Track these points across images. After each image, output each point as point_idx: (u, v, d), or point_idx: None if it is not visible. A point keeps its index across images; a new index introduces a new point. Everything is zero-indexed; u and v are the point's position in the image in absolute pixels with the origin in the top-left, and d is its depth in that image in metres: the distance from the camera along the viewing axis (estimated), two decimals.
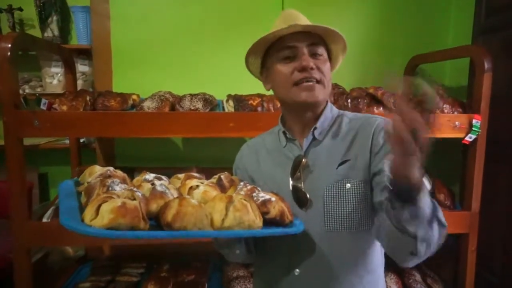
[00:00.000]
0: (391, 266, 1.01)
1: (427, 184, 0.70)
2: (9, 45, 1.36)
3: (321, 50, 0.95)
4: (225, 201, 0.78)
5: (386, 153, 0.87)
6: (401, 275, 1.84)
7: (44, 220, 1.54)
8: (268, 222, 0.82)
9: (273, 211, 0.82)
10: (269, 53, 0.98)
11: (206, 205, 0.80)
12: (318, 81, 0.92)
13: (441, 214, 0.75)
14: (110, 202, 0.69)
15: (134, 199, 0.72)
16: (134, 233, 0.68)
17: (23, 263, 1.47)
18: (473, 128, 1.63)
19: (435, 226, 0.74)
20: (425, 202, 0.70)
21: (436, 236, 0.74)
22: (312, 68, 0.91)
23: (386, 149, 0.88)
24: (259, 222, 0.79)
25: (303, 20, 0.96)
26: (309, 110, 0.97)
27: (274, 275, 0.97)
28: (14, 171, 1.42)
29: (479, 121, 1.63)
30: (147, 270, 1.84)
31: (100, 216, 0.67)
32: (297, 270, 0.93)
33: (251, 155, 1.08)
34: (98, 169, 0.90)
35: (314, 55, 0.94)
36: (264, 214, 0.82)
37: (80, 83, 2.33)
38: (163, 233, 0.73)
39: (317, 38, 0.95)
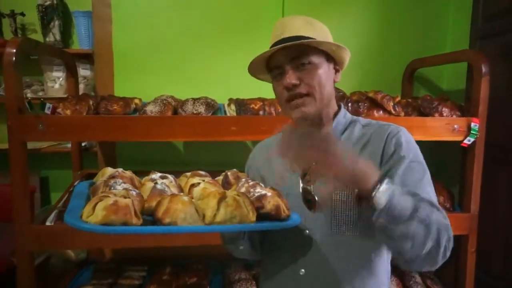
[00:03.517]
0: (391, 268, 1.02)
1: (385, 186, 0.75)
2: (14, 50, 1.38)
3: (308, 59, 0.92)
4: (218, 197, 0.79)
5: (396, 161, 0.89)
6: (401, 277, 1.85)
7: (47, 223, 1.55)
8: (264, 217, 0.82)
9: (268, 206, 0.82)
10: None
11: (200, 201, 0.82)
12: (306, 95, 0.92)
13: (424, 213, 0.77)
14: (104, 200, 0.73)
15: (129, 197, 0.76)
16: (124, 228, 0.72)
17: (26, 267, 1.48)
18: (472, 131, 1.65)
19: (415, 224, 0.76)
20: (383, 200, 0.74)
21: (420, 233, 0.76)
22: (295, 85, 0.91)
23: (397, 157, 0.90)
24: (252, 216, 0.79)
25: (290, 30, 0.93)
26: (308, 123, 0.97)
27: (280, 274, 0.98)
28: (17, 175, 1.43)
29: (478, 124, 1.65)
30: (149, 273, 1.84)
31: (95, 214, 0.72)
32: (302, 270, 0.94)
33: (262, 154, 1.11)
34: (109, 171, 0.94)
35: (300, 66, 0.92)
36: (259, 209, 0.82)
37: (81, 87, 2.34)
38: (152, 228, 0.76)
39: (303, 47, 0.91)
